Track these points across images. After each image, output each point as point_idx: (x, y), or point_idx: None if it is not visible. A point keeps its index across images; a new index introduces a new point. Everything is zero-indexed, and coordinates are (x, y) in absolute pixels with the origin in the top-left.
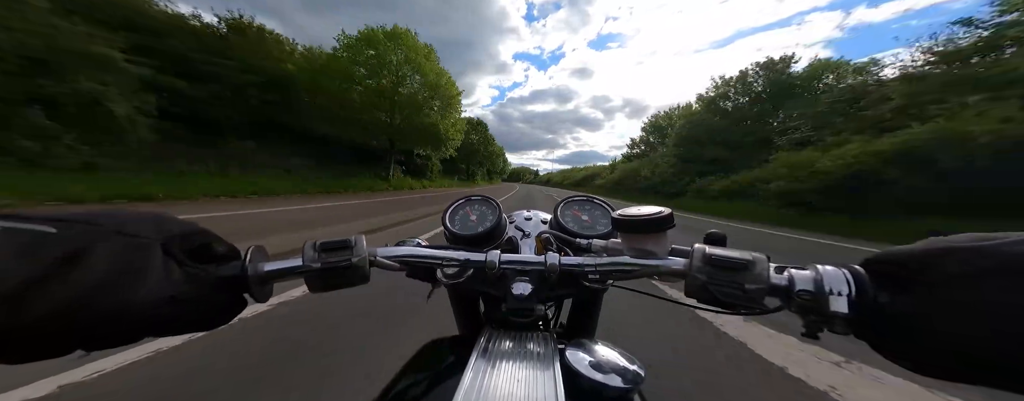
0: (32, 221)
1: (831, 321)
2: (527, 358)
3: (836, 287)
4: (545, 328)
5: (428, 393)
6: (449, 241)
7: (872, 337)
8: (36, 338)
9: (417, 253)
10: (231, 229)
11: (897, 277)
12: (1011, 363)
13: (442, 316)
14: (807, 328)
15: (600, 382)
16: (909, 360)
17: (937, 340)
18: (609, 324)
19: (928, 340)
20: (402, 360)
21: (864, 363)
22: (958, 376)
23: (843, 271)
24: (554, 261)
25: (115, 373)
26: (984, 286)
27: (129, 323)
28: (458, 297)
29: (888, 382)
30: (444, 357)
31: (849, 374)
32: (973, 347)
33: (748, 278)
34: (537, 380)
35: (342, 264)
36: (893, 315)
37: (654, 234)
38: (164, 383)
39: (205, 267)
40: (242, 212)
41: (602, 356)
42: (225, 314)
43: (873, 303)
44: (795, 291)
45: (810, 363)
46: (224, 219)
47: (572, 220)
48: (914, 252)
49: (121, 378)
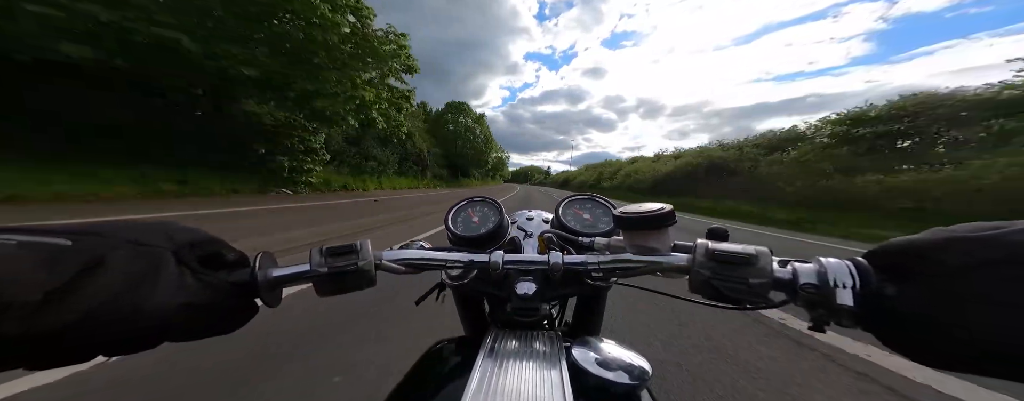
0: (47, 234)
1: (837, 314)
2: (534, 357)
3: (841, 280)
4: (550, 327)
5: (436, 394)
6: (452, 243)
7: (879, 329)
8: (59, 345)
9: (422, 255)
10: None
11: (901, 268)
12: (1018, 353)
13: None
14: (813, 321)
15: (607, 379)
16: (917, 352)
17: (943, 331)
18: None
19: (934, 331)
20: (410, 361)
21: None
22: (966, 367)
23: (847, 263)
24: (557, 260)
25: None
26: (988, 276)
27: (146, 329)
28: (463, 298)
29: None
30: (451, 358)
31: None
32: (979, 337)
33: (752, 272)
34: (544, 379)
35: (349, 268)
36: (899, 307)
37: (656, 231)
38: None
39: (216, 274)
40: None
41: (608, 353)
42: (238, 319)
43: (878, 295)
44: (799, 284)
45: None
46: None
47: (574, 219)
48: (917, 243)
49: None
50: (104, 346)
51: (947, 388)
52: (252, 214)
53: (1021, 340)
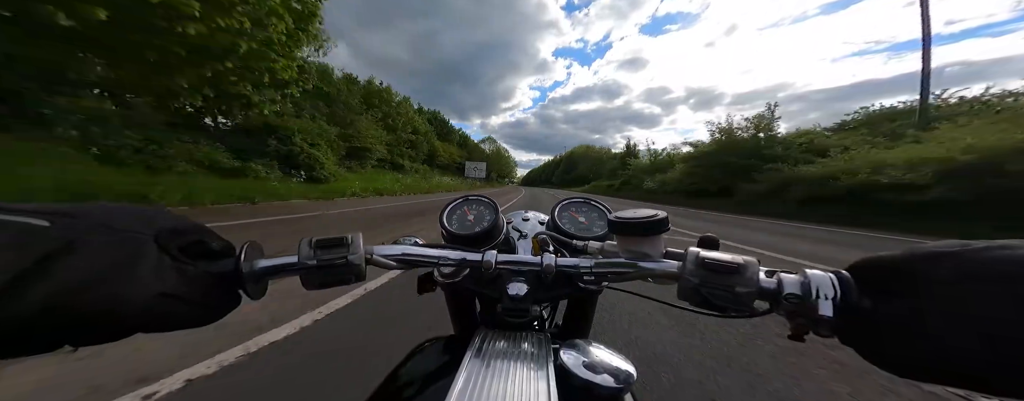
0: (24, 214)
1: (816, 324)
2: (521, 358)
3: (823, 291)
4: (540, 329)
5: (421, 393)
6: (446, 240)
7: (856, 341)
8: (24, 333)
9: (414, 252)
10: None
11: (881, 282)
12: (990, 368)
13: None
14: (793, 331)
15: (592, 382)
16: (891, 364)
17: (918, 345)
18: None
19: (910, 344)
20: (395, 360)
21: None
22: (940, 380)
23: (830, 276)
24: (550, 262)
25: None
26: (965, 292)
27: (119, 318)
28: (454, 297)
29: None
30: (438, 357)
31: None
32: (954, 352)
33: (739, 281)
34: (530, 380)
35: (338, 262)
36: (876, 320)
37: (649, 237)
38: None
39: (197, 263)
40: None
41: (595, 356)
42: (217, 311)
43: (857, 307)
44: (783, 294)
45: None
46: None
47: (569, 221)
48: (897, 258)
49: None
50: (71, 335)
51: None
52: None
53: (995, 355)
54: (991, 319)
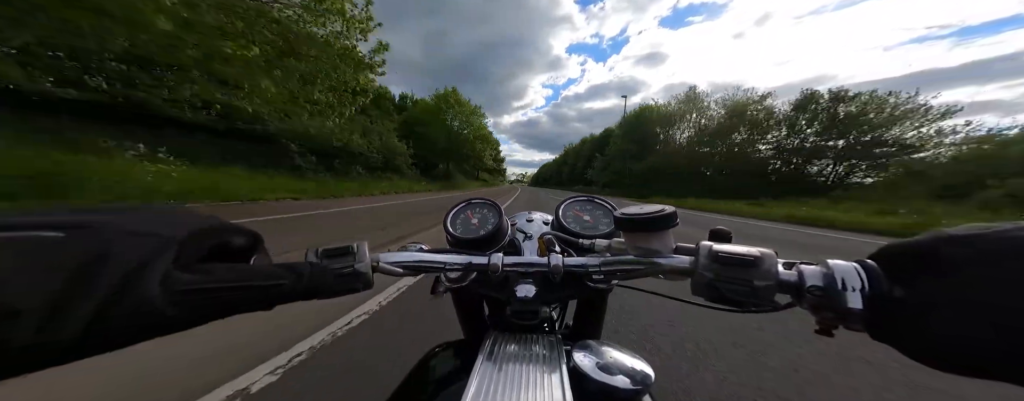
0: (36, 228)
1: (846, 317)
2: (533, 361)
3: (849, 282)
4: (550, 330)
5: (434, 399)
6: (451, 245)
7: (888, 333)
8: (55, 350)
9: (420, 258)
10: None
11: (907, 270)
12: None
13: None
14: (821, 325)
15: (609, 384)
16: (928, 355)
17: (955, 334)
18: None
19: (946, 334)
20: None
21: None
22: (978, 372)
23: (854, 265)
24: (557, 262)
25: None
26: (993, 276)
27: (147, 323)
28: (462, 301)
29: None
30: (449, 362)
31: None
32: (989, 341)
33: (756, 274)
34: (544, 383)
35: (345, 270)
36: (908, 309)
37: (657, 232)
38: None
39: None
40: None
41: (609, 357)
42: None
43: (887, 297)
44: (806, 287)
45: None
46: None
47: (574, 220)
48: (921, 243)
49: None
50: (103, 344)
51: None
52: None
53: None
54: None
